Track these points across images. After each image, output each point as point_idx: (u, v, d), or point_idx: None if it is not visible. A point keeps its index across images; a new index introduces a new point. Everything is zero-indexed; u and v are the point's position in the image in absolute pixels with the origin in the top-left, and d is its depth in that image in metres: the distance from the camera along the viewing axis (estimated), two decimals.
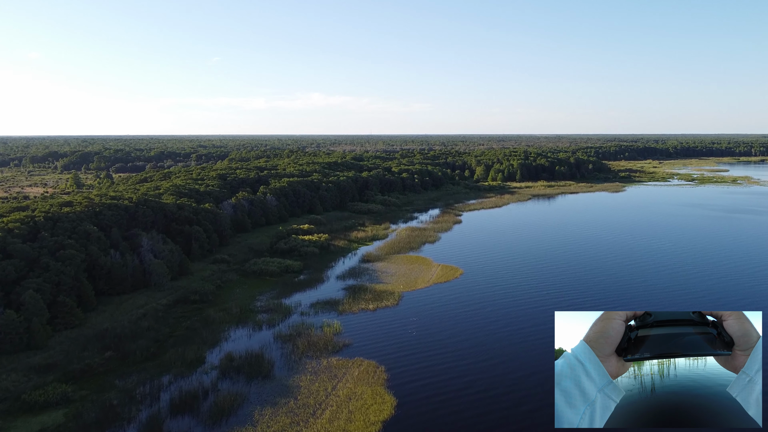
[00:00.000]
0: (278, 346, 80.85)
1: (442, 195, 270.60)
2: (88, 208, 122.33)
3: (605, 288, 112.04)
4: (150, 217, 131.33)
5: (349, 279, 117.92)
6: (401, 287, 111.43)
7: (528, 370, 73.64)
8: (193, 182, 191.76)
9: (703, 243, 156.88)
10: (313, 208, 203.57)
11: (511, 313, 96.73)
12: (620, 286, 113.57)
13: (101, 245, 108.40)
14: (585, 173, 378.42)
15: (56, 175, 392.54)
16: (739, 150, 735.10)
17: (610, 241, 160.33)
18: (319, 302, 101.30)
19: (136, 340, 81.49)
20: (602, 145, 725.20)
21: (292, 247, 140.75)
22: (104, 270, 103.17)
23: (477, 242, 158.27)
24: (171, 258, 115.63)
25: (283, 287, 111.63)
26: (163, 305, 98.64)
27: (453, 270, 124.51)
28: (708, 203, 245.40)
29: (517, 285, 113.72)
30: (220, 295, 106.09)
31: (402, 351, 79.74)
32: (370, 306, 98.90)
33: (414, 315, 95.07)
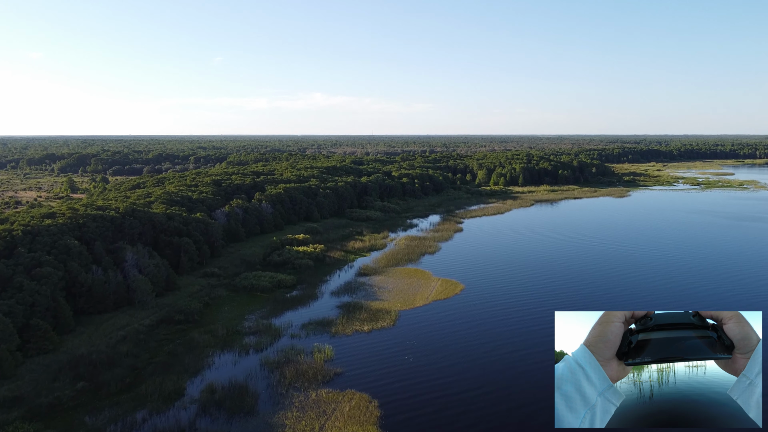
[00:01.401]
0: (264, 375, 75.26)
1: (443, 200, 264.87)
2: (72, 219, 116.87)
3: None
4: (137, 229, 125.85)
5: (344, 295, 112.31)
6: (399, 305, 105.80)
7: (539, 403, 67.87)
8: (186, 189, 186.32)
9: (715, 253, 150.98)
10: (310, 215, 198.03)
11: (517, 334, 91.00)
12: (635, 302, 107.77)
13: (83, 260, 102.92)
14: (588, 177, 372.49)
15: (52, 178, 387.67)
16: (744, 152, 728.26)
17: (619, 255, 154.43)
18: (312, 322, 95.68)
19: (112, 368, 75.94)
20: (605, 147, 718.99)
21: (285, 259, 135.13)
22: (84, 287, 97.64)
23: (478, 253, 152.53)
24: (157, 273, 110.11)
25: (274, 305, 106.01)
26: (145, 326, 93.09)
27: (453, 285, 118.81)
28: (715, 209, 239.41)
29: (521, 303, 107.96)
30: (207, 314, 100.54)
31: (397, 381, 74.10)
32: (365, 327, 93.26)
33: (411, 338, 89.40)
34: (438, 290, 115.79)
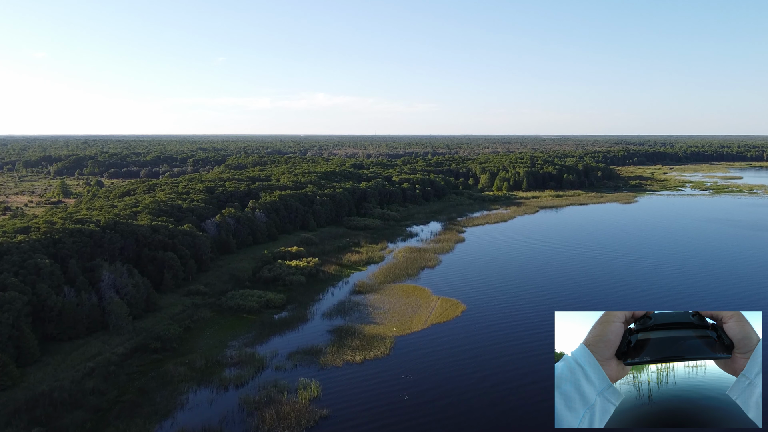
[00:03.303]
0: (242, 419, 67.73)
1: (444, 207, 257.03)
2: (47, 235, 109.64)
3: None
4: (118, 243, 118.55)
5: (337, 317, 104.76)
6: (395, 329, 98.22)
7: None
8: (177, 197, 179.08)
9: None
10: (306, 223, 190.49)
11: (522, 365, 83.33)
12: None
13: (54, 281, 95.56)
14: (594, 181, 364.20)
15: (47, 181, 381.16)
16: (750, 154, 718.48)
17: (628, 263, 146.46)
18: (299, 351, 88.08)
19: (73, 409, 68.53)
20: (609, 149, 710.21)
21: (276, 275, 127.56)
22: (54, 312, 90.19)
23: (480, 267, 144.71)
24: (136, 293, 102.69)
25: (261, 329, 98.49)
26: (118, 355, 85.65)
27: (453, 305, 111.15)
28: (728, 217, 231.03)
29: (526, 326, 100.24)
30: (188, 340, 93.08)
31: (390, 425, 66.55)
32: (357, 357, 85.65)
33: (407, 371, 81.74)
34: (437, 311, 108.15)
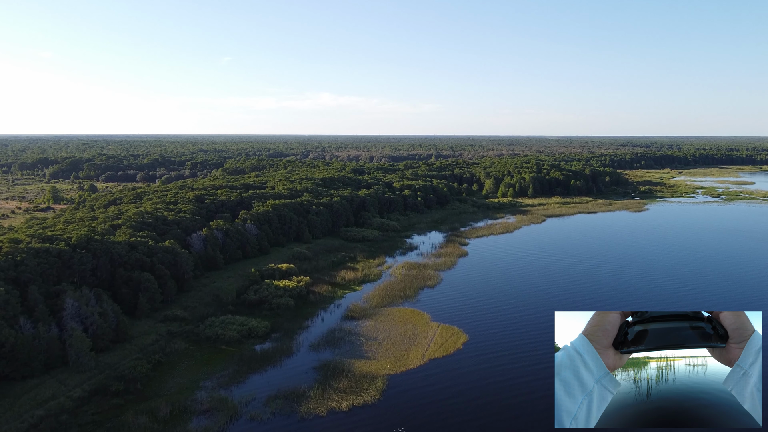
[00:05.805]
0: None
1: (447, 216, 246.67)
2: (8, 256, 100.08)
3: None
4: (89, 264, 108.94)
5: (325, 350, 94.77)
6: (388, 366, 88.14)
7: None
8: (164, 207, 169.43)
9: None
10: (300, 235, 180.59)
11: (528, 409, 73.15)
12: None
13: (9, 311, 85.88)
14: (602, 187, 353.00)
15: (41, 184, 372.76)
16: (760, 158, 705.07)
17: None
18: (279, 395, 78.04)
19: None
20: (616, 152, 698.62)
21: (262, 297, 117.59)
22: (6, 347, 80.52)
23: (483, 287, 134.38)
24: (103, 323, 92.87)
25: (239, 365, 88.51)
26: (73, 399, 75.88)
27: (454, 335, 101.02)
28: (745, 227, 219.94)
29: (532, 359, 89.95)
30: (155, 379, 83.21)
31: None
32: (343, 404, 75.61)
33: (400, 421, 71.72)
34: (436, 342, 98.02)
